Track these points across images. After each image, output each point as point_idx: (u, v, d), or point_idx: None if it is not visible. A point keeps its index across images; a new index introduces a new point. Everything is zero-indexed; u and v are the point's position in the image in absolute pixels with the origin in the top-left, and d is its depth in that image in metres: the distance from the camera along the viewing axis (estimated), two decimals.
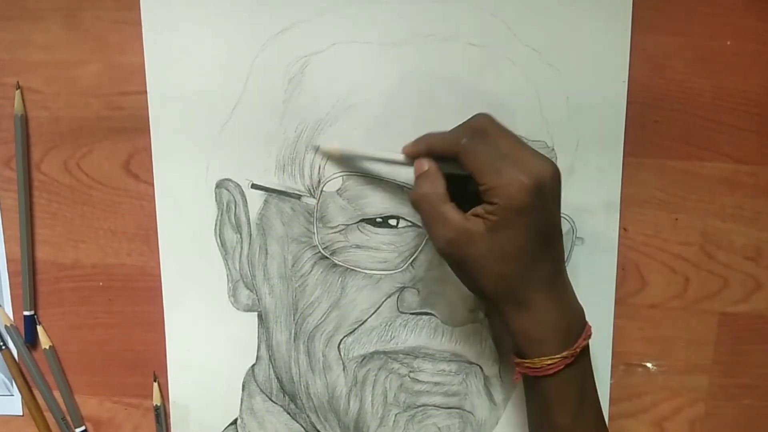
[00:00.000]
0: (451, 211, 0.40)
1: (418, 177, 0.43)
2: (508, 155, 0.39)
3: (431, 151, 0.43)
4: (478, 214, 0.40)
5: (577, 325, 0.42)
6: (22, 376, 0.53)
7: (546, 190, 0.39)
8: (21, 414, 0.54)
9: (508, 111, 0.47)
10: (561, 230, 0.42)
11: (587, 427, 0.42)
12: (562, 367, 0.40)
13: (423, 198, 0.41)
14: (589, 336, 0.42)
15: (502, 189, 0.38)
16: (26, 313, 0.52)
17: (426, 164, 0.42)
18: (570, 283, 0.43)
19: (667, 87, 0.47)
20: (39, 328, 0.52)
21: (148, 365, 0.52)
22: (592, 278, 0.49)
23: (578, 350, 0.41)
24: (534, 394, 0.43)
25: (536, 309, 0.40)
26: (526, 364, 0.41)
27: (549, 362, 0.40)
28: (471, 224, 0.39)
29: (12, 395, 0.53)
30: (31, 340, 0.52)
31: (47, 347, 0.52)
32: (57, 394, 0.53)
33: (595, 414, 0.43)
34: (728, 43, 0.46)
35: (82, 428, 0.53)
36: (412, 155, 0.44)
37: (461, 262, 0.41)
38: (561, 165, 0.47)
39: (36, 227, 0.51)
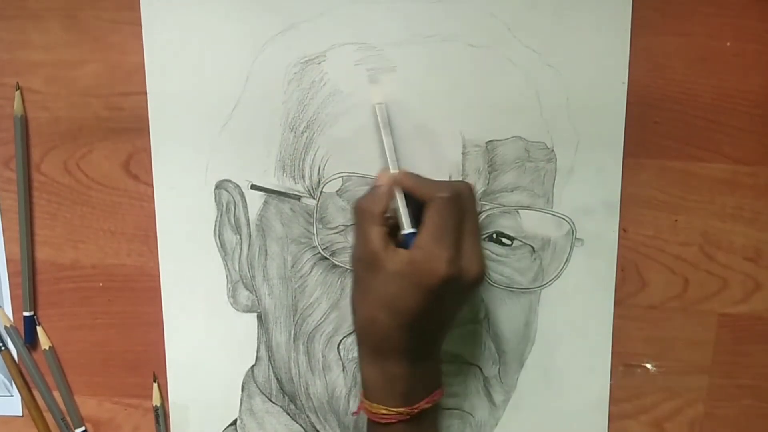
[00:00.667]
0: (375, 234, 0.41)
1: (371, 188, 0.44)
2: (461, 234, 0.40)
3: (404, 185, 0.43)
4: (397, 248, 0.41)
5: (423, 390, 0.43)
6: (21, 377, 0.53)
7: (450, 287, 0.40)
8: (21, 414, 0.54)
9: (508, 111, 0.47)
10: (450, 325, 0.44)
11: None
12: (394, 420, 0.42)
13: (359, 210, 0.42)
14: (435, 401, 0.43)
15: (426, 253, 0.39)
16: (26, 313, 0.52)
17: (384, 181, 0.43)
18: (439, 355, 0.44)
19: (667, 87, 0.47)
20: (39, 329, 0.52)
21: (148, 366, 0.52)
22: (592, 279, 0.49)
23: (416, 410, 0.42)
24: None
25: (389, 366, 0.42)
26: (365, 405, 0.43)
27: (384, 412, 0.42)
28: (385, 256, 0.40)
29: (12, 396, 0.53)
30: (30, 341, 0.52)
31: (47, 348, 0.52)
32: (57, 394, 0.53)
33: None
34: (728, 43, 0.46)
35: (82, 429, 0.53)
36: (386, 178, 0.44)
37: (357, 280, 0.43)
38: (561, 165, 0.48)
39: (36, 228, 0.51)
